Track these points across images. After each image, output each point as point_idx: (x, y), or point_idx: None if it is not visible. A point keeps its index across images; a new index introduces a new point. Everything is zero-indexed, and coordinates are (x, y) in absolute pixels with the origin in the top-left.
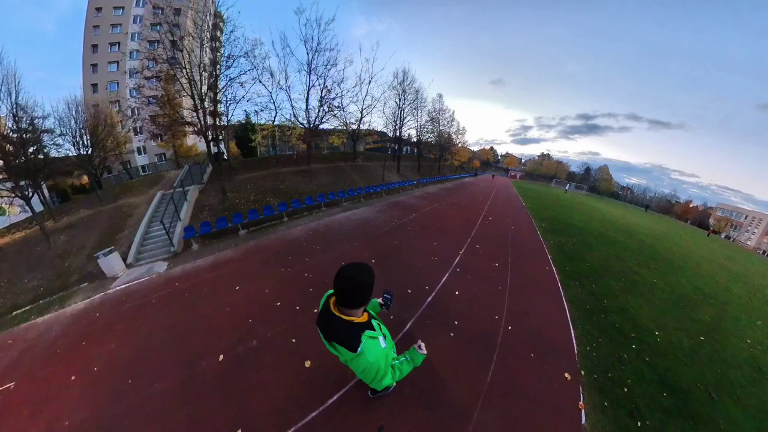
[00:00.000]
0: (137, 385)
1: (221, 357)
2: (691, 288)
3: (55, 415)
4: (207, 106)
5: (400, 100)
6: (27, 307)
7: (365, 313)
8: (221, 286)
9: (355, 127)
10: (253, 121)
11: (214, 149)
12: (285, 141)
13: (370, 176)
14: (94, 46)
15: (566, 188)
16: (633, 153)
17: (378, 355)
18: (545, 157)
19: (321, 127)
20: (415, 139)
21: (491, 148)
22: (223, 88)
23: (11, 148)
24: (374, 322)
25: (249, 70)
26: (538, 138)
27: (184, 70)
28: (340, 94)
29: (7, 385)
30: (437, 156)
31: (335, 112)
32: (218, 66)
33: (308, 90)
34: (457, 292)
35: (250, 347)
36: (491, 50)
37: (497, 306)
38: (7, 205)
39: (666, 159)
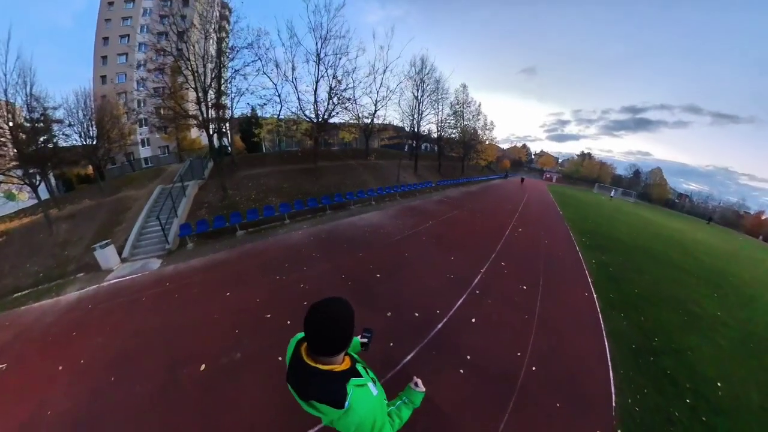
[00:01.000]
0: (119, 383)
1: (203, 366)
2: (765, 327)
3: (40, 402)
4: (210, 98)
5: (417, 91)
6: (26, 291)
7: (346, 357)
8: (212, 290)
9: (368, 121)
10: (258, 115)
11: (217, 143)
12: (290, 136)
13: (384, 176)
14: (105, 39)
15: (611, 194)
16: (692, 153)
17: (371, 406)
18: (586, 156)
19: (330, 121)
20: (435, 135)
21: (523, 146)
22: (227, 80)
23: (24, 137)
24: (359, 366)
25: (253, 61)
26: (576, 134)
27: (188, 62)
28: (351, 85)
29: (2, 366)
30: (461, 155)
31: (346, 104)
32: (223, 57)
33: (317, 81)
34: (473, 320)
35: (234, 360)
36: (520, 35)
37: (521, 340)
38: (17, 191)
39: (733, 160)
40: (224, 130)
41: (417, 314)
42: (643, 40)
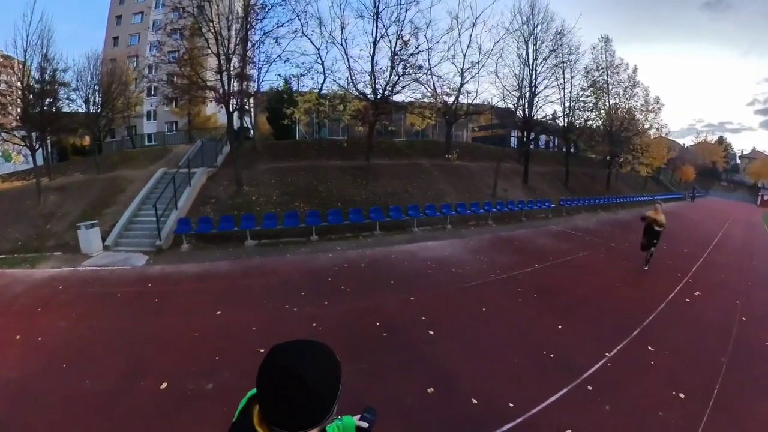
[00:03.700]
0: (70, 373)
1: (164, 384)
2: None
3: None
4: (234, 67)
5: (527, 51)
6: (2, 256)
7: None
8: (200, 303)
9: (450, 99)
10: (293, 89)
11: (237, 123)
12: (335, 119)
13: (471, 186)
14: None
15: None
16: None
17: None
18: None
19: (393, 98)
20: (559, 123)
21: (720, 141)
22: (254, 44)
23: (31, 97)
24: None
25: (289, 20)
26: None
27: (210, 24)
28: (424, 47)
29: None
30: (604, 155)
31: (417, 74)
32: (250, 17)
33: (374, 43)
34: None
35: (202, 389)
36: None
37: None
38: (15, 153)
39: None
40: (247, 107)
41: (475, 401)
42: None
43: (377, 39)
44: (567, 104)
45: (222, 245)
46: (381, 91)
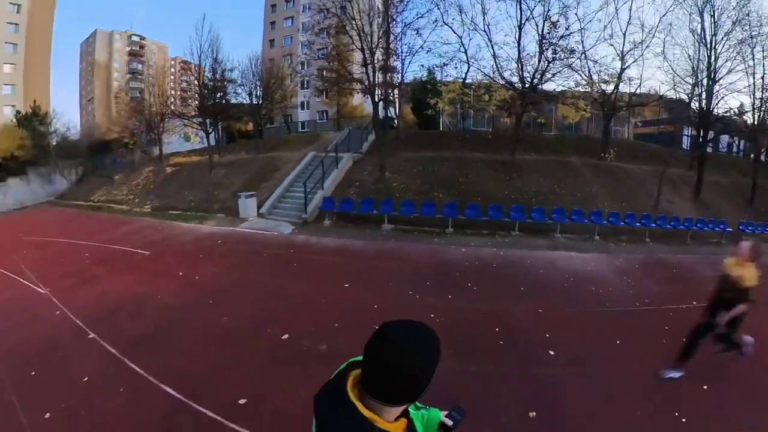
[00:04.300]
0: (213, 308)
1: (286, 336)
2: None
3: (156, 288)
4: (378, 60)
5: (702, 23)
6: (179, 212)
7: (402, 421)
8: (332, 274)
9: (608, 88)
10: (436, 79)
11: (382, 113)
12: (480, 109)
13: (629, 193)
14: (273, 6)
15: None
16: None
17: None
18: None
19: (542, 87)
20: (748, 120)
21: None
22: (396, 36)
23: (205, 93)
24: None
25: (428, 11)
26: None
27: (353, 21)
28: (576, 27)
29: (145, 252)
30: None
31: (569, 59)
32: (390, 10)
33: (519, 27)
34: None
35: (316, 349)
36: None
37: None
38: (194, 135)
39: None
40: (392, 97)
41: None
42: None
43: (522, 22)
44: (758, 95)
45: (360, 225)
46: (529, 79)
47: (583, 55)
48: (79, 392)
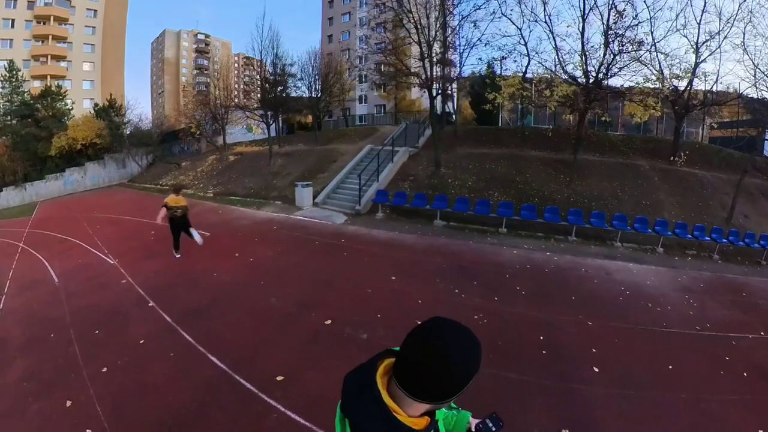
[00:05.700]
0: (264, 289)
1: (329, 321)
2: None
3: (215, 268)
4: (435, 53)
5: None
6: (239, 198)
7: (425, 419)
8: (380, 266)
9: (681, 84)
10: (495, 73)
11: (439, 108)
12: (540, 105)
13: (700, 202)
14: (330, 2)
15: None
16: None
17: None
18: None
19: (609, 83)
20: None
21: None
22: (453, 29)
23: (267, 86)
24: None
25: (485, 2)
26: None
27: (410, 15)
28: (645, 17)
29: (205, 233)
30: None
31: (638, 52)
32: (447, 3)
33: (583, 17)
34: None
35: (357, 337)
36: None
37: None
38: (255, 126)
39: None
40: (450, 92)
41: None
42: None
43: (586, 12)
44: None
45: (412, 219)
46: (593, 73)
47: (653, 47)
48: (135, 352)
